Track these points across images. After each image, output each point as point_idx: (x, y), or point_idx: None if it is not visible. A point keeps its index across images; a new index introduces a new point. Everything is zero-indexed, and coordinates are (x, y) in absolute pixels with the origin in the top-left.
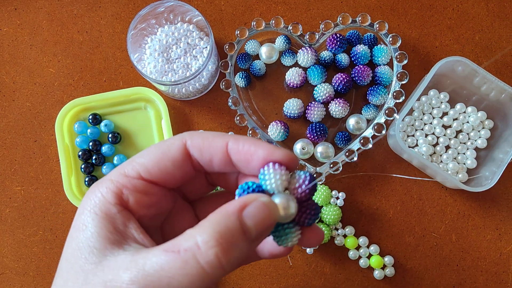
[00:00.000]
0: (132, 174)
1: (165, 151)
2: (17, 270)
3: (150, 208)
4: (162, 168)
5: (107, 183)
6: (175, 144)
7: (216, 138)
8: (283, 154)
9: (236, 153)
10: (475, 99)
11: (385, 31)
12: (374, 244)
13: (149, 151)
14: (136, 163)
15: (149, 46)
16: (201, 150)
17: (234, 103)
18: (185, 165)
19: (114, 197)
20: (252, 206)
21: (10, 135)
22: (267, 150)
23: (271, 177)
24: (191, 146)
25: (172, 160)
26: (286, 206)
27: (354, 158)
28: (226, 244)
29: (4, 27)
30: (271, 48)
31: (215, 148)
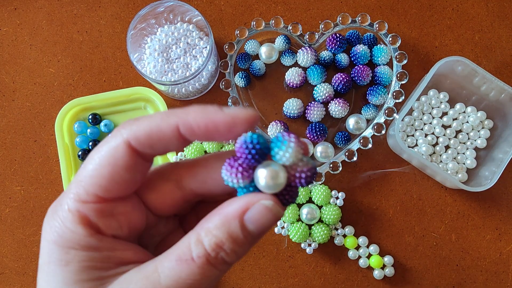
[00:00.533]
0: (90, 198)
1: (111, 162)
2: (17, 270)
3: (123, 228)
4: (119, 180)
5: (66, 216)
6: (118, 149)
7: (162, 123)
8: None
9: (191, 134)
10: (475, 99)
11: (384, 31)
12: (374, 244)
13: (94, 165)
14: (88, 185)
15: (149, 46)
16: (151, 143)
17: (234, 103)
18: (140, 165)
19: (87, 229)
20: (254, 210)
21: (10, 135)
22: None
23: (290, 149)
24: (137, 144)
25: (125, 167)
26: (274, 175)
27: (354, 158)
28: (231, 249)
29: (4, 27)
30: (271, 48)
31: (165, 135)
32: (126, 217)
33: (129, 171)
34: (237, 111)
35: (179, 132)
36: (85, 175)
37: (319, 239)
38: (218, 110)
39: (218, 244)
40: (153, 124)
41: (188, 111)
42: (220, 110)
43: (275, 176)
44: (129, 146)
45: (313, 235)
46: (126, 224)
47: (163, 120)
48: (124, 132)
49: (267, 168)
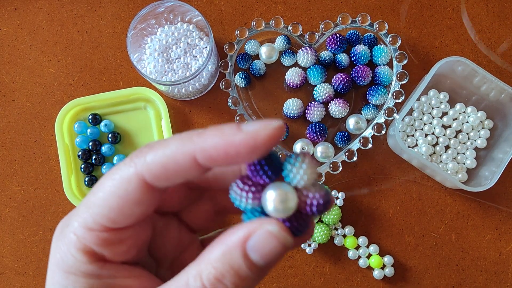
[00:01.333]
0: (96, 227)
1: (122, 195)
2: (17, 270)
3: (131, 251)
4: (127, 213)
5: (71, 240)
6: (130, 182)
7: (177, 153)
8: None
9: (210, 161)
10: (475, 99)
11: (385, 31)
12: (374, 244)
13: (104, 194)
14: (96, 214)
15: (149, 46)
16: (167, 178)
17: (234, 103)
18: (153, 198)
19: (87, 257)
20: (257, 237)
21: (10, 135)
22: (248, 143)
23: (303, 170)
24: (151, 178)
25: (135, 202)
26: (284, 199)
27: (354, 158)
28: (232, 283)
29: (4, 27)
30: (271, 48)
31: (181, 167)
32: (134, 239)
33: (140, 205)
34: (258, 128)
35: (196, 161)
36: (94, 203)
37: (319, 239)
38: (237, 130)
39: (218, 277)
40: (168, 154)
41: (205, 136)
42: (238, 131)
43: (285, 199)
44: (142, 180)
45: (313, 235)
46: (134, 245)
47: (179, 149)
48: (138, 162)
49: (277, 189)
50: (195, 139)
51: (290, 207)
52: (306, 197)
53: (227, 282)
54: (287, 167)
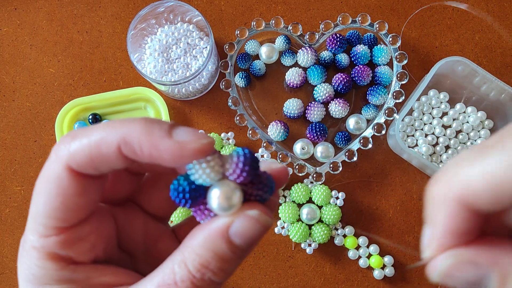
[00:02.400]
0: (51, 232)
1: (59, 192)
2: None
3: (97, 246)
4: (73, 207)
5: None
6: (62, 177)
7: (101, 144)
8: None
9: (137, 158)
10: (475, 99)
11: (385, 31)
12: (374, 244)
13: (42, 198)
14: (43, 219)
15: (149, 46)
16: (94, 167)
17: (234, 103)
18: (94, 185)
19: (56, 263)
20: (239, 222)
21: (10, 135)
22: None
23: (199, 171)
24: (78, 168)
25: (75, 194)
26: (227, 195)
27: (354, 158)
28: (218, 268)
29: (4, 27)
30: (271, 48)
31: (108, 158)
32: (95, 234)
33: (81, 195)
34: (187, 139)
35: (121, 153)
36: (37, 211)
37: (319, 239)
38: (165, 135)
39: (204, 264)
40: (92, 144)
41: (131, 129)
42: (166, 136)
43: (228, 196)
44: (71, 171)
45: (313, 235)
46: (98, 241)
47: (103, 139)
48: (63, 155)
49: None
50: (120, 129)
51: (234, 202)
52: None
53: (213, 267)
54: (193, 178)
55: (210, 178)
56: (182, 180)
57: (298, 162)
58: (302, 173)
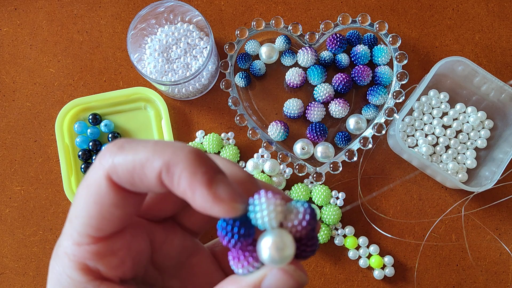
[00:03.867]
0: (84, 240)
1: (97, 200)
2: (17, 270)
3: (126, 263)
4: (108, 217)
5: (63, 260)
6: (101, 185)
7: (146, 165)
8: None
9: (173, 190)
10: (475, 99)
11: (385, 31)
12: (374, 244)
13: (81, 204)
14: (78, 225)
15: (149, 46)
16: (132, 184)
17: (234, 103)
18: (132, 199)
19: (85, 275)
20: (272, 277)
21: (10, 135)
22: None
23: (264, 208)
24: (117, 179)
25: (112, 204)
26: (281, 246)
27: (354, 158)
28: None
29: (4, 27)
30: (271, 48)
31: (147, 180)
32: (126, 249)
33: (118, 207)
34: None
35: (161, 178)
36: (75, 215)
37: (319, 239)
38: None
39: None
40: (136, 162)
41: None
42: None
43: (281, 247)
44: (111, 181)
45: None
46: (128, 257)
47: (149, 160)
48: (106, 164)
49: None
50: (166, 154)
51: (288, 255)
52: (293, 226)
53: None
54: (251, 217)
55: (271, 223)
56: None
57: (298, 162)
58: (302, 173)
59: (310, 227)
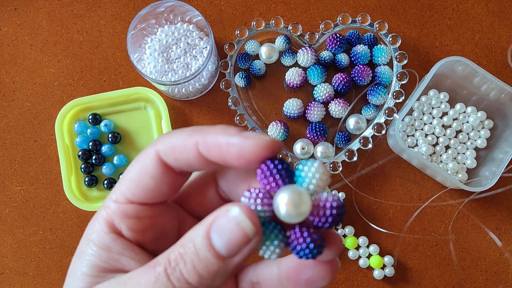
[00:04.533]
0: (121, 199)
1: (141, 168)
2: (17, 270)
3: (147, 232)
4: (144, 186)
5: (102, 211)
6: (149, 157)
7: (186, 139)
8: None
9: (208, 154)
10: (475, 99)
11: (385, 31)
12: (374, 244)
13: (130, 168)
14: (123, 185)
15: (149, 46)
16: (175, 157)
17: (234, 103)
18: (167, 176)
19: (107, 226)
20: (220, 219)
21: (10, 135)
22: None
23: (312, 170)
24: (164, 154)
25: (151, 175)
26: (297, 202)
27: (354, 158)
28: (190, 261)
29: (4, 27)
30: (271, 48)
31: (187, 152)
32: (152, 221)
33: (155, 179)
34: (254, 136)
35: (198, 150)
36: (123, 177)
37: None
38: (236, 133)
39: (181, 253)
40: (180, 138)
41: (211, 130)
42: (237, 132)
43: (298, 203)
44: (157, 155)
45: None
46: (152, 228)
47: (188, 135)
48: (158, 143)
49: (289, 192)
50: (203, 131)
51: (303, 211)
52: (319, 200)
53: (187, 259)
54: (299, 167)
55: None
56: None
57: (298, 162)
58: None
59: (330, 219)
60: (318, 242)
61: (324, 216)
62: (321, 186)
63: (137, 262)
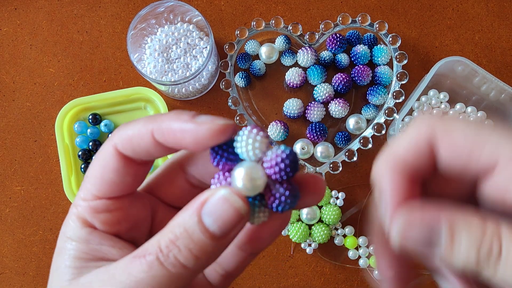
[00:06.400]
0: (88, 196)
1: (102, 164)
2: (17, 270)
3: (121, 224)
4: (108, 181)
5: (73, 209)
6: (108, 152)
7: (141, 129)
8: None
9: (165, 141)
10: (475, 99)
11: (385, 31)
12: None
13: (92, 165)
14: (88, 182)
15: (149, 46)
16: (133, 148)
17: (234, 103)
18: (128, 168)
19: (81, 223)
20: (210, 201)
21: (10, 135)
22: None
23: (245, 139)
24: (122, 147)
25: (112, 169)
26: (249, 174)
27: (354, 158)
28: (185, 246)
29: (4, 27)
30: (271, 48)
31: (144, 141)
32: (123, 212)
33: (117, 173)
34: (205, 121)
35: (154, 138)
36: (87, 175)
37: (319, 239)
38: (190, 119)
39: (172, 240)
40: (135, 129)
41: (165, 117)
42: (190, 119)
43: (249, 175)
44: (115, 149)
45: (313, 235)
46: (125, 218)
47: (143, 125)
48: (115, 136)
49: (240, 168)
50: (157, 119)
51: (257, 184)
52: (268, 164)
53: (180, 244)
54: (235, 145)
55: (248, 154)
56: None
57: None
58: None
59: (285, 169)
60: (292, 193)
61: (279, 171)
62: (262, 149)
63: (118, 249)
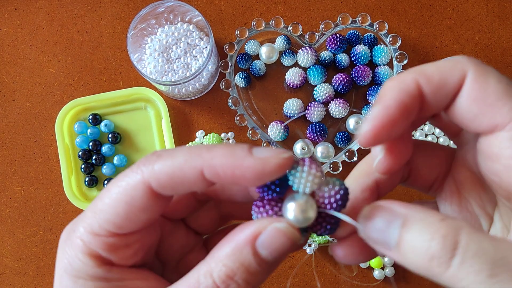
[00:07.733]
0: (102, 232)
1: (129, 201)
2: (17, 270)
3: (137, 254)
4: (133, 219)
5: (78, 245)
6: (137, 189)
7: (185, 166)
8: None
9: (217, 178)
10: None
11: (385, 31)
12: None
13: (110, 200)
14: (102, 219)
15: (149, 46)
16: (173, 187)
17: (234, 103)
18: (159, 205)
19: (94, 260)
20: (266, 234)
21: (10, 135)
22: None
23: (304, 175)
24: (157, 186)
25: (141, 209)
26: (304, 209)
27: (354, 158)
28: (243, 280)
29: (4, 27)
30: (271, 48)
31: (189, 179)
32: (140, 244)
33: (146, 212)
34: (268, 156)
35: (203, 176)
36: (100, 209)
37: (319, 239)
38: (247, 154)
39: (229, 275)
40: (176, 165)
41: (214, 154)
42: (249, 155)
43: (304, 209)
44: (148, 187)
45: (313, 235)
46: (141, 249)
47: (187, 162)
48: (145, 170)
49: (294, 201)
50: (204, 155)
51: (310, 217)
52: (323, 198)
53: (238, 279)
54: (290, 178)
55: (305, 189)
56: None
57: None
58: None
59: (338, 205)
60: (336, 225)
61: (332, 207)
62: (317, 183)
63: (142, 280)
